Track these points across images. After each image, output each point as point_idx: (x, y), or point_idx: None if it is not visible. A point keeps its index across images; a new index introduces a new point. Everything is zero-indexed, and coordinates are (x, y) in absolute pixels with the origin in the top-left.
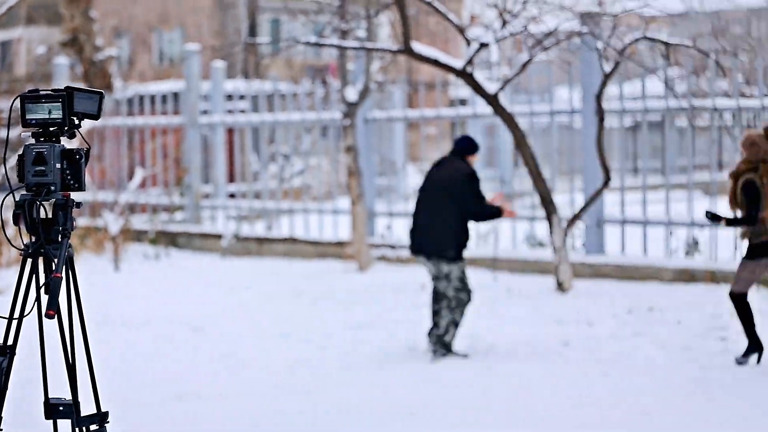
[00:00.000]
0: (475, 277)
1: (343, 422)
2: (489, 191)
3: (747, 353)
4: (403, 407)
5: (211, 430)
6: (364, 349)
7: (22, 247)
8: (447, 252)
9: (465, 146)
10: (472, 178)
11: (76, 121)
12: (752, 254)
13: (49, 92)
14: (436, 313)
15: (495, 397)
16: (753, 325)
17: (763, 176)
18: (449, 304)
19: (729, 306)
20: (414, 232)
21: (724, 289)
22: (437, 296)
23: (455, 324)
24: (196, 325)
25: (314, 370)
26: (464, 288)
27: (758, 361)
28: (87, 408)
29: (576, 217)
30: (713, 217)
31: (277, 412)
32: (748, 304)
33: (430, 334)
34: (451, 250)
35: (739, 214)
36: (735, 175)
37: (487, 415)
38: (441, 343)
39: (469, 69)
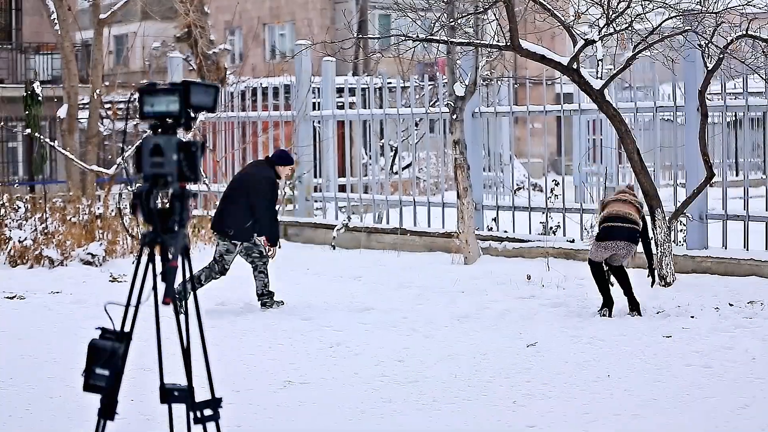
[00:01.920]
0: (580, 270)
1: (448, 411)
2: (594, 186)
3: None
4: (505, 396)
5: (318, 417)
6: (468, 340)
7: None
8: (231, 232)
9: (281, 157)
10: (273, 185)
11: (192, 114)
12: None
13: (167, 86)
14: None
15: (596, 387)
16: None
17: None
18: (213, 269)
19: None
20: (215, 215)
21: None
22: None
23: (199, 280)
24: (305, 315)
25: (420, 359)
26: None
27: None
28: (201, 394)
29: (679, 212)
30: None
31: (384, 400)
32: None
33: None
34: (236, 232)
35: None
36: None
37: (590, 403)
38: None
39: (574, 65)
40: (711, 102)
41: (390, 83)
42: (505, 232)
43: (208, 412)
